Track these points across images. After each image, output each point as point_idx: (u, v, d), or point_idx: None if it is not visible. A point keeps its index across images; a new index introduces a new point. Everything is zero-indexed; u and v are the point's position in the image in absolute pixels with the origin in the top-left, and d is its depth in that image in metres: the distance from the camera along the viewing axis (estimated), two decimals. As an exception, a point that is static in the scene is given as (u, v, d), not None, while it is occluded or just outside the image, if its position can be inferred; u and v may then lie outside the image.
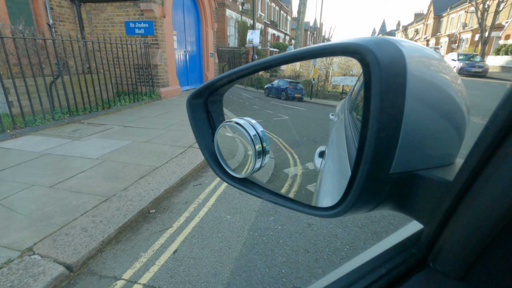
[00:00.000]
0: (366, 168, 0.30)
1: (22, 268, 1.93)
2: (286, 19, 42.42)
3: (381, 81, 0.28)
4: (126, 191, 3.00)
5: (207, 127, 0.55)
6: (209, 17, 11.78)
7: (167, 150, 4.26)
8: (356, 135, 0.40)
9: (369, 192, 0.32)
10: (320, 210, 0.39)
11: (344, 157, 0.46)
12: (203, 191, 3.24)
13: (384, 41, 0.30)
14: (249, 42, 8.32)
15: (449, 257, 0.33)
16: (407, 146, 0.31)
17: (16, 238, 2.22)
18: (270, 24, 30.92)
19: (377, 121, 0.28)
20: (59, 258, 2.03)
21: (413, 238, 0.41)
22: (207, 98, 0.55)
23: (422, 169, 0.33)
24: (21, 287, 1.77)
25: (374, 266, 0.39)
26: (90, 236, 2.27)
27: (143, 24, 8.56)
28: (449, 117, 0.34)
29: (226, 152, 0.52)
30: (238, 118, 0.45)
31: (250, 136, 0.42)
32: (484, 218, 0.28)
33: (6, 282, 1.80)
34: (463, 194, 0.29)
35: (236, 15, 20.48)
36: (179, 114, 6.74)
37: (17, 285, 1.79)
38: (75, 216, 2.53)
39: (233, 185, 0.50)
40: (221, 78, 0.50)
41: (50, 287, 1.84)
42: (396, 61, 0.29)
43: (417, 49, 0.33)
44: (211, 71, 12.65)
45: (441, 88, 0.33)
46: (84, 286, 1.90)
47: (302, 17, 16.31)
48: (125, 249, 2.26)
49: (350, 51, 0.32)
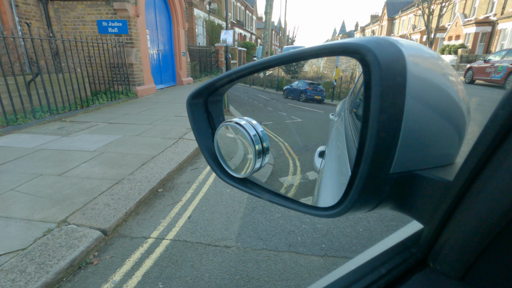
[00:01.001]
0: (366, 168, 0.30)
1: (64, 234, 2.28)
2: (252, 18, 43.09)
3: (381, 81, 0.28)
4: (133, 175, 3.36)
5: (207, 127, 0.55)
6: (180, 16, 12.00)
7: (159, 142, 4.62)
8: (356, 135, 0.40)
9: (369, 192, 0.32)
10: (320, 210, 0.39)
11: (344, 157, 0.46)
12: (200, 173, 3.70)
13: (384, 41, 0.30)
14: (223, 42, 8.76)
15: (449, 257, 0.33)
16: (407, 146, 0.31)
17: (47, 214, 2.53)
18: (236, 23, 31.37)
19: (377, 121, 0.28)
20: (93, 226, 2.40)
21: (413, 238, 0.41)
22: (207, 98, 0.55)
23: (422, 169, 0.33)
24: (69, 247, 2.13)
25: (374, 266, 0.39)
26: (114, 209, 2.65)
27: (116, 23, 8.62)
28: (449, 117, 0.34)
29: (226, 152, 0.51)
30: (238, 118, 0.45)
31: (250, 136, 0.43)
32: (484, 218, 0.28)
33: (55, 244, 2.15)
34: (463, 194, 0.29)
35: (204, 14, 20.65)
36: (161, 111, 7.02)
37: (65, 245, 2.15)
38: (94, 195, 2.87)
39: (233, 185, 0.50)
40: (221, 78, 0.50)
41: (92, 247, 2.22)
42: (396, 61, 0.29)
43: (417, 48, 0.33)
44: (184, 70, 12.87)
45: (441, 87, 0.33)
46: (120, 245, 2.30)
47: (269, 18, 17.01)
48: (146, 218, 2.68)
49: (350, 51, 0.33)
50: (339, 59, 0.50)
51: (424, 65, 0.32)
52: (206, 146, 0.54)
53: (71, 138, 4.77)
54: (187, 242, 2.32)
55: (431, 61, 0.34)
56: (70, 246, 2.14)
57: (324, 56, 0.41)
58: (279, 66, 0.48)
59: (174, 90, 11.06)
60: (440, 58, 0.35)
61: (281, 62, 0.42)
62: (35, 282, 1.80)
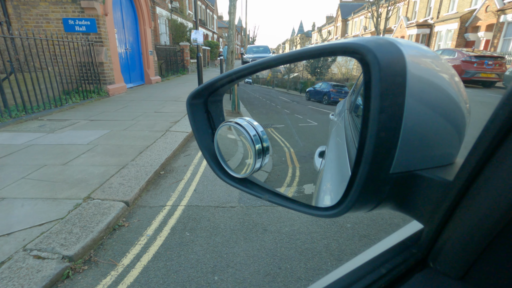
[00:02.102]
0: (366, 168, 0.30)
1: (93, 206, 2.67)
2: (213, 17, 43.17)
3: (381, 80, 0.28)
4: (135, 162, 3.76)
5: (207, 127, 0.56)
6: (146, 15, 12.05)
7: (148, 134, 4.99)
8: (356, 135, 0.40)
9: (369, 192, 0.32)
10: (320, 210, 0.39)
11: (344, 157, 0.46)
12: (194, 158, 4.19)
13: (384, 41, 0.30)
14: (194, 42, 9.11)
15: (450, 257, 0.33)
16: (407, 146, 0.31)
17: (69, 194, 2.88)
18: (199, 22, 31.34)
19: (377, 121, 0.29)
20: (116, 199, 2.81)
21: (413, 237, 0.42)
22: (207, 98, 0.55)
23: (422, 169, 0.34)
24: (102, 214, 2.55)
25: (374, 266, 0.39)
26: (129, 187, 3.07)
27: (84, 22, 8.55)
28: (449, 117, 0.34)
29: (225, 152, 0.51)
30: (239, 118, 0.46)
31: (250, 136, 0.43)
32: (484, 218, 0.28)
33: (88, 213, 2.55)
34: (463, 194, 0.29)
35: (166, 12, 20.50)
36: (139, 108, 7.25)
37: (97, 213, 2.56)
38: (106, 178, 3.25)
39: (233, 185, 0.50)
40: (221, 78, 0.51)
41: (120, 214, 2.65)
42: (396, 61, 0.29)
43: (417, 48, 0.33)
44: (152, 68, 12.92)
45: (441, 87, 0.33)
46: (143, 212, 2.76)
47: (232, 18, 17.44)
48: (157, 193, 3.14)
49: (350, 51, 0.33)
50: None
51: (424, 65, 0.32)
52: (206, 146, 0.54)
53: (58, 135, 4.92)
54: (199, 206, 2.86)
55: (431, 61, 0.34)
56: (102, 213, 2.56)
57: (324, 56, 0.41)
58: (279, 66, 0.48)
59: (144, 88, 11.14)
60: (439, 58, 0.35)
61: (280, 62, 0.43)
62: (85, 238, 2.22)
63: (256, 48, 21.12)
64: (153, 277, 1.96)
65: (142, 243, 2.31)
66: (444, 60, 0.36)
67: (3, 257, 2.02)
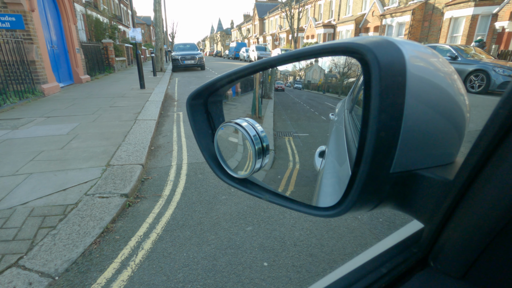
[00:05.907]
0: (366, 168, 0.30)
1: (118, 168, 3.45)
2: (127, 13, 40.76)
3: (380, 80, 0.28)
4: (126, 141, 4.47)
5: (207, 127, 0.56)
6: (70, 11, 11.53)
7: (121, 123, 5.56)
8: (356, 135, 0.40)
9: (370, 191, 0.32)
10: (321, 210, 0.39)
11: (344, 157, 0.46)
12: (172, 137, 5.07)
13: (383, 40, 0.31)
14: (132, 39, 9.25)
15: (450, 256, 0.33)
16: (407, 146, 0.31)
17: (89, 165, 3.55)
18: (114, 17, 29.50)
19: (377, 121, 0.29)
20: (133, 163, 3.62)
21: (413, 237, 0.42)
22: (207, 98, 0.56)
23: (422, 168, 0.34)
24: (130, 172, 3.36)
25: (375, 265, 0.40)
26: (136, 156, 3.87)
27: (8, 18, 8.04)
28: (449, 116, 0.34)
29: (225, 153, 0.51)
30: (238, 118, 0.46)
31: (250, 137, 0.43)
32: (485, 217, 0.28)
33: (118, 173, 3.34)
34: (463, 193, 0.29)
35: (80, 7, 19.06)
36: (91, 105, 7.42)
37: (125, 172, 3.36)
38: (111, 154, 3.95)
39: (233, 185, 0.51)
40: (221, 78, 0.51)
41: (141, 172, 3.49)
42: (396, 60, 0.29)
43: (417, 48, 0.34)
44: (80, 67, 12.38)
45: (441, 87, 0.34)
46: (157, 171, 3.64)
47: (159, 15, 17.67)
48: (158, 160, 4.02)
49: (350, 51, 0.33)
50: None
51: (423, 64, 0.32)
52: (206, 147, 0.54)
53: (25, 130, 5.07)
54: (198, 162, 3.89)
55: (431, 60, 0.34)
56: (129, 171, 3.38)
57: (323, 56, 0.42)
58: (278, 66, 0.48)
59: (78, 88, 10.78)
60: (439, 57, 0.35)
61: (280, 62, 0.43)
62: (129, 184, 3.07)
63: (183, 46, 21.56)
64: (191, 195, 3.00)
65: (170, 184, 3.27)
66: (443, 59, 0.36)
67: (74, 200, 2.75)
